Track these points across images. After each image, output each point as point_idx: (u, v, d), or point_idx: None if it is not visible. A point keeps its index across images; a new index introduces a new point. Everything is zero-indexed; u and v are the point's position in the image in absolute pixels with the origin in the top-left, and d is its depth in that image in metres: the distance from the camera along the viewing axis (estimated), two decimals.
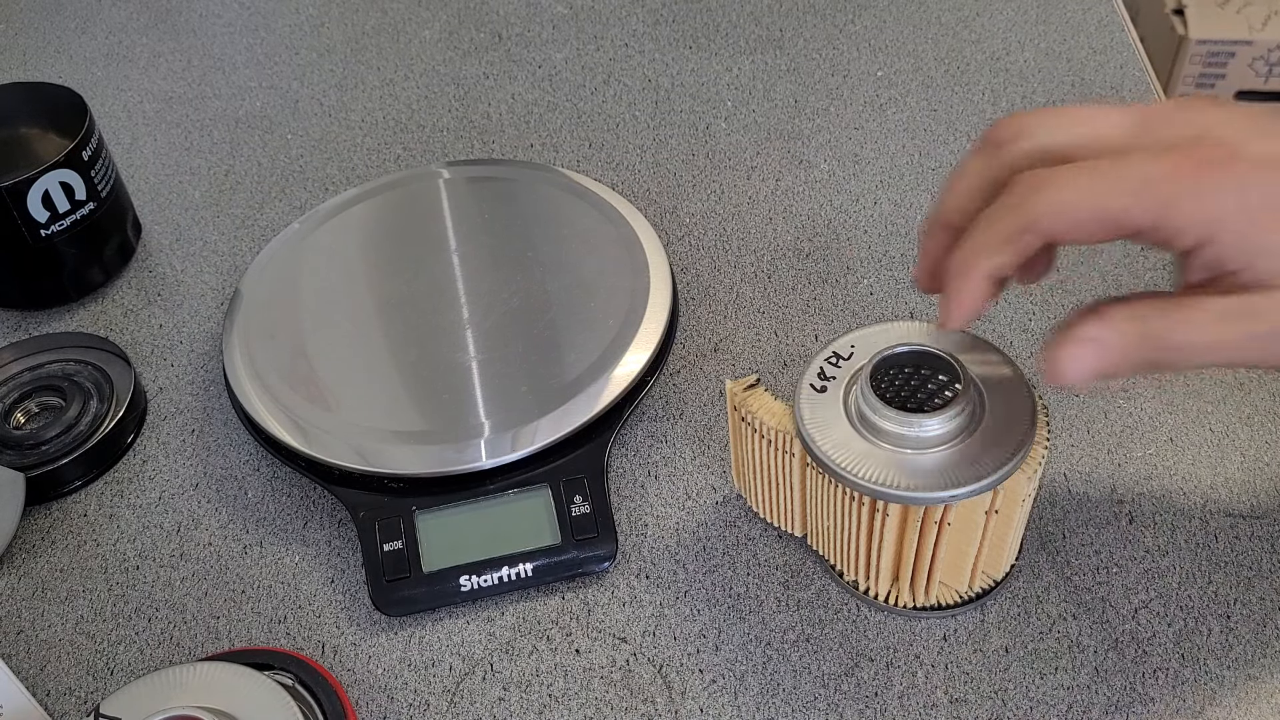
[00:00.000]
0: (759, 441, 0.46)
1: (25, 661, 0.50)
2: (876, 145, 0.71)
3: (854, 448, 0.43)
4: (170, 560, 0.53)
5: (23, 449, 0.55)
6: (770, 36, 0.79)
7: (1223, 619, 0.48)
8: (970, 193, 0.40)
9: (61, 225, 0.60)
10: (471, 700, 0.48)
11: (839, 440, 0.43)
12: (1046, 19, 0.79)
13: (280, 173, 0.72)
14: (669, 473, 0.55)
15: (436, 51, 0.80)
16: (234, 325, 0.57)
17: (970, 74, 0.75)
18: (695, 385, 0.58)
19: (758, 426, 0.46)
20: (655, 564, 0.51)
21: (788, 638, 0.49)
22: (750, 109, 0.74)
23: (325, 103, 0.76)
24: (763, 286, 0.63)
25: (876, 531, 0.44)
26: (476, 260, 0.60)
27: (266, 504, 0.55)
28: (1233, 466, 0.53)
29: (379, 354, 0.56)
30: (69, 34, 0.84)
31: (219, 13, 0.85)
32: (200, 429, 0.58)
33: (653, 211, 0.67)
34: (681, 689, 0.47)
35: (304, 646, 0.50)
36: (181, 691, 0.43)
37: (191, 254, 0.67)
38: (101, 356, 0.60)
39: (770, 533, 0.52)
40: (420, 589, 0.50)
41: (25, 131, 0.62)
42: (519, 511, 0.51)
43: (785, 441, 0.45)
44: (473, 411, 0.53)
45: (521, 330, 0.56)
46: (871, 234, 0.65)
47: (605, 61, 0.78)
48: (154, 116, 0.76)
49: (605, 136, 0.72)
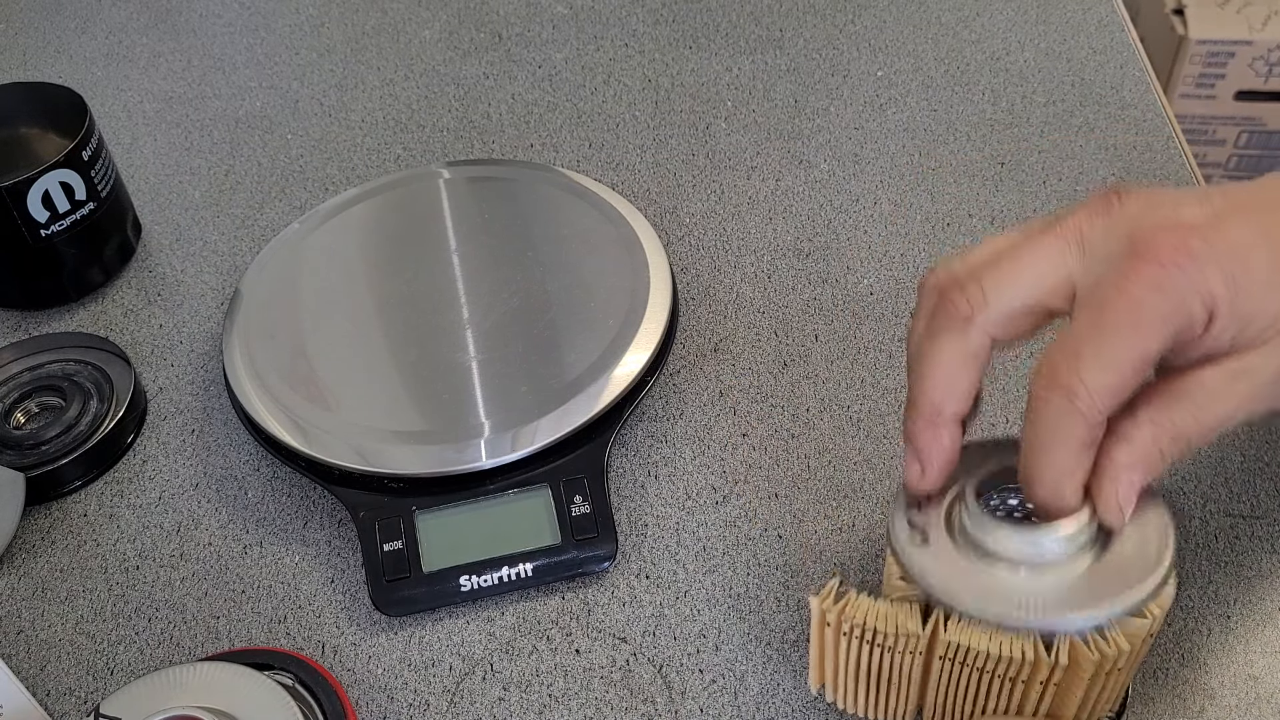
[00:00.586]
0: (872, 651, 0.41)
1: (25, 661, 0.50)
2: (876, 145, 0.71)
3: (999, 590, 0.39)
4: (170, 560, 0.53)
5: (23, 449, 0.55)
6: (770, 36, 0.79)
7: (1223, 619, 0.48)
8: (955, 377, 0.39)
9: (61, 225, 0.60)
10: (471, 700, 0.48)
11: (981, 590, 0.39)
12: (1046, 19, 0.79)
13: (280, 173, 0.72)
14: (669, 473, 0.55)
15: (436, 51, 0.80)
16: (234, 325, 0.57)
17: (970, 74, 0.75)
18: (695, 385, 0.58)
19: (871, 638, 0.41)
20: (655, 564, 0.52)
21: (788, 638, 0.49)
22: (750, 109, 0.74)
23: (325, 103, 0.76)
24: (763, 286, 0.63)
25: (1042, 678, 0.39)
26: (476, 260, 0.60)
27: (266, 504, 0.55)
28: (1233, 466, 0.53)
29: (379, 354, 0.56)
30: (69, 34, 0.84)
31: (219, 13, 0.85)
32: (200, 429, 0.58)
33: (653, 211, 0.67)
34: (681, 689, 0.47)
35: (304, 646, 0.50)
36: (181, 691, 0.43)
37: (191, 254, 0.67)
38: (101, 356, 0.60)
39: (770, 533, 0.52)
40: (420, 589, 0.50)
41: (25, 131, 0.62)
42: (519, 511, 0.51)
43: (910, 643, 0.40)
44: (473, 411, 0.53)
45: (521, 330, 0.56)
46: (871, 234, 0.65)
47: (605, 61, 0.78)
48: (154, 116, 0.76)
49: (605, 136, 0.72)
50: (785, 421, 0.56)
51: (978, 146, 0.70)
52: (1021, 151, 0.70)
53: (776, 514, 0.53)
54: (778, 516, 0.53)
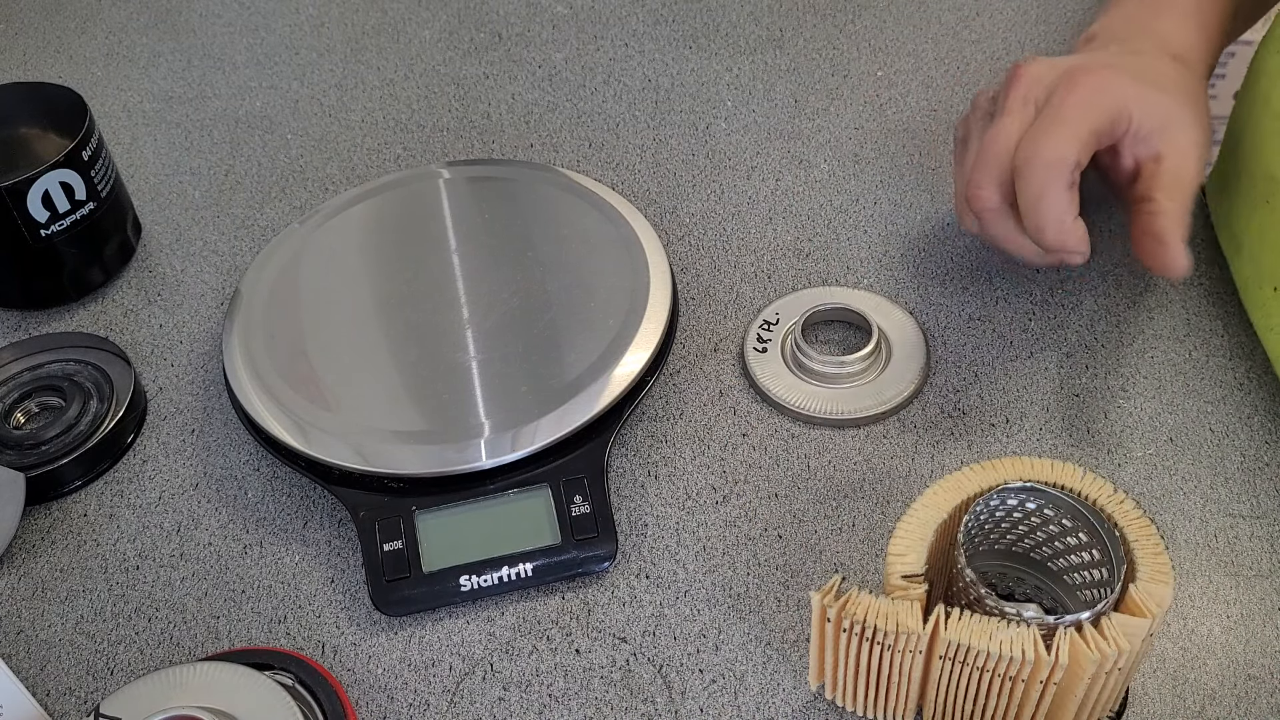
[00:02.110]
0: (872, 648, 0.42)
1: (25, 661, 0.50)
2: (876, 145, 0.71)
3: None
4: (170, 560, 0.53)
5: (23, 449, 0.55)
6: (770, 36, 0.79)
7: (1223, 619, 0.48)
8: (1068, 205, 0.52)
9: (61, 225, 0.60)
10: (471, 700, 0.48)
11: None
12: (1046, 19, 0.79)
13: (280, 173, 0.72)
14: (669, 473, 0.55)
15: (436, 51, 0.80)
16: (234, 325, 0.57)
17: (970, 74, 0.75)
18: (695, 385, 0.58)
19: (872, 635, 0.41)
20: (655, 564, 0.51)
21: (788, 638, 0.49)
22: (750, 109, 0.74)
23: (325, 103, 0.76)
24: (763, 286, 0.63)
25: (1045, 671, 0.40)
26: (476, 260, 0.60)
27: (266, 504, 0.55)
28: (1232, 466, 0.53)
29: (379, 354, 0.56)
30: (69, 34, 0.84)
31: (219, 13, 0.85)
32: (200, 429, 0.58)
33: (653, 211, 0.67)
34: (681, 689, 0.47)
35: (304, 646, 0.50)
36: (181, 691, 0.43)
37: (191, 254, 0.67)
38: (101, 356, 0.60)
39: (770, 533, 0.52)
40: (420, 589, 0.50)
41: (25, 131, 0.62)
42: (519, 511, 0.51)
43: (912, 641, 0.40)
44: (473, 411, 0.53)
45: (521, 330, 0.56)
46: (871, 234, 0.65)
47: (605, 61, 0.78)
48: (154, 116, 0.76)
49: (605, 136, 0.72)
50: (785, 421, 0.56)
51: None
52: None
53: (776, 514, 0.53)
54: (778, 516, 0.53)
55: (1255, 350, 0.58)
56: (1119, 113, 0.52)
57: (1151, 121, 0.53)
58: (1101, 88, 0.52)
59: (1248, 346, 0.58)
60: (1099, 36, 0.59)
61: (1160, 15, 0.59)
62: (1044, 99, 0.53)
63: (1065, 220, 0.51)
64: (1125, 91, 0.52)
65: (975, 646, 0.39)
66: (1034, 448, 0.54)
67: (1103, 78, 0.52)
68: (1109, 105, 0.52)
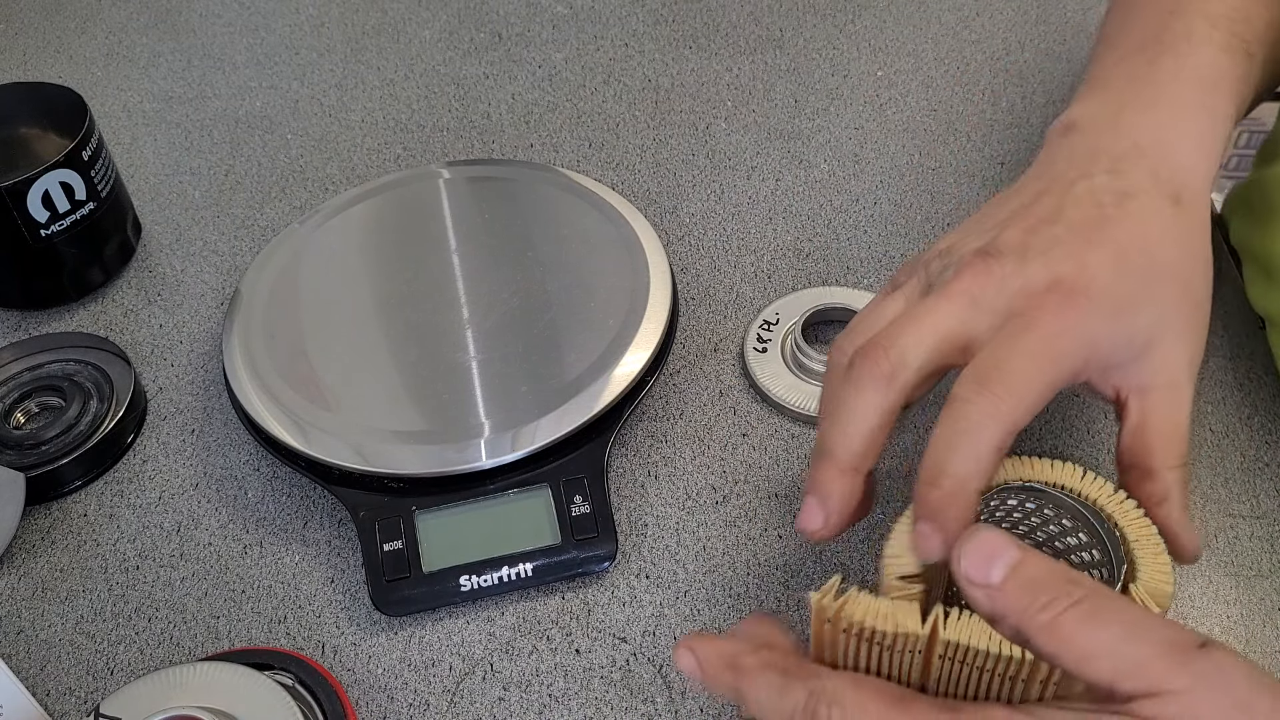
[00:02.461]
0: (871, 649, 0.41)
1: (25, 661, 0.50)
2: (876, 145, 0.71)
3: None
4: (170, 560, 0.53)
5: (23, 449, 0.55)
6: (770, 36, 0.79)
7: (1223, 619, 0.48)
8: (877, 431, 0.42)
9: (61, 225, 0.60)
10: (471, 700, 0.48)
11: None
12: (1046, 19, 0.79)
13: (280, 173, 0.72)
14: (669, 473, 0.55)
15: (436, 51, 0.80)
16: (234, 325, 0.57)
17: (970, 74, 0.75)
18: (695, 385, 0.58)
19: (871, 636, 0.40)
20: (655, 564, 0.52)
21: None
22: (750, 109, 0.74)
23: (325, 103, 0.76)
24: (763, 286, 0.63)
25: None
26: (476, 260, 0.60)
27: (266, 504, 0.55)
28: (1232, 466, 0.53)
29: (379, 354, 0.56)
30: (69, 34, 0.84)
31: (219, 13, 0.85)
32: (200, 429, 0.58)
33: (653, 211, 0.67)
34: (681, 689, 0.47)
35: (304, 646, 0.50)
36: (181, 691, 0.43)
37: (191, 254, 0.67)
38: (101, 356, 0.60)
39: (770, 533, 0.52)
40: (420, 589, 0.50)
41: (25, 131, 0.62)
42: (519, 511, 0.51)
43: (910, 642, 0.40)
44: (473, 411, 0.53)
45: (521, 330, 0.56)
46: (871, 234, 0.65)
47: (605, 61, 0.78)
48: (154, 116, 0.76)
49: (605, 136, 0.72)
50: (785, 421, 0.56)
51: (978, 146, 0.70)
52: (1021, 151, 0.70)
53: (776, 514, 0.53)
54: (778, 516, 0.53)
55: (1256, 350, 0.58)
56: (1085, 361, 0.42)
57: (1131, 349, 0.42)
58: (1065, 330, 0.41)
59: (1248, 347, 0.58)
60: (1077, 130, 0.47)
61: (1156, 106, 0.47)
62: (996, 321, 0.42)
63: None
64: (1095, 332, 0.41)
65: (975, 647, 0.39)
66: (1034, 448, 0.54)
67: (1067, 320, 0.41)
68: (1071, 352, 0.41)
